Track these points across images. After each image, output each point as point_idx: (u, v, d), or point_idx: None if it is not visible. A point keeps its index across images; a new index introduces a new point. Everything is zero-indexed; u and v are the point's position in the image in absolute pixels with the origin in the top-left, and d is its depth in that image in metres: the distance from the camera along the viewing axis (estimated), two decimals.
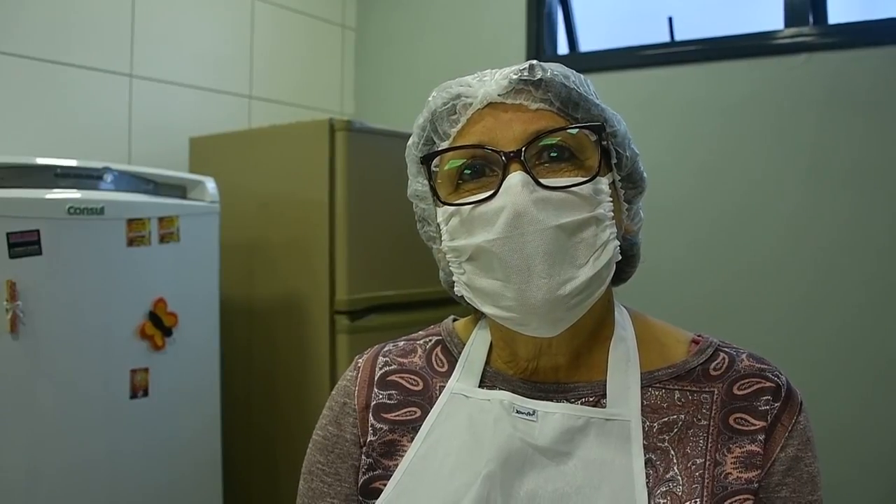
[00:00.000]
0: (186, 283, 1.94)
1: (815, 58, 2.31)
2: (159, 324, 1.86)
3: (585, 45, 2.91)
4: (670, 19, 2.61)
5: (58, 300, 1.66)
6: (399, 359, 0.94)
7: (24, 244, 1.59)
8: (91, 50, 2.33)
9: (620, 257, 0.81)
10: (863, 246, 2.24)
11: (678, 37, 2.61)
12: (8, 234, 1.57)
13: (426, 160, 0.84)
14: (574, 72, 0.84)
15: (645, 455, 0.78)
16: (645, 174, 0.88)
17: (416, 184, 0.88)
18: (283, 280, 2.27)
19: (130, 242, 1.80)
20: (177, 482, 1.91)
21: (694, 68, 2.52)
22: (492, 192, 0.77)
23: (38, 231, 1.62)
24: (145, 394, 1.82)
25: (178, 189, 2.02)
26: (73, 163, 1.80)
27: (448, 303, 0.92)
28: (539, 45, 2.84)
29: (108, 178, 1.85)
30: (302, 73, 3.08)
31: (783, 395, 0.81)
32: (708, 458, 0.78)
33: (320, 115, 2.90)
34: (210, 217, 2.02)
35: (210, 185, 2.05)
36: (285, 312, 2.26)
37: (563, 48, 2.92)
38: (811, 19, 2.36)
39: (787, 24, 2.39)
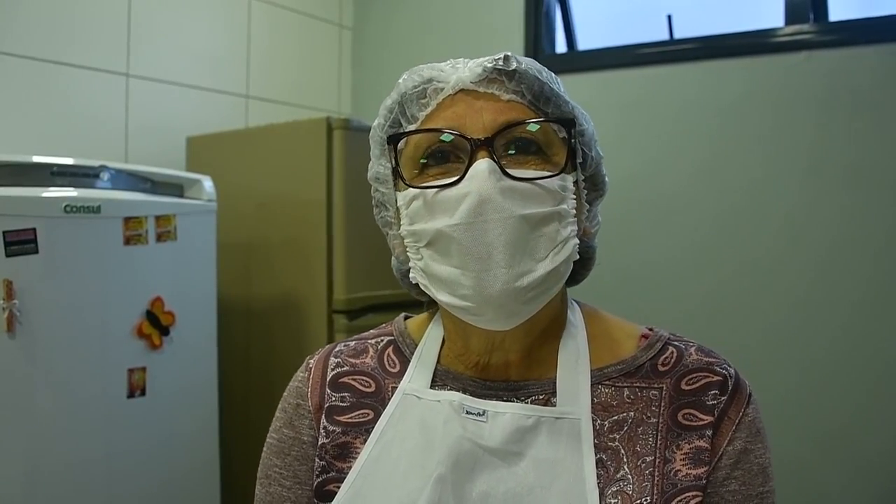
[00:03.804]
0: (184, 281, 1.93)
1: (816, 55, 2.30)
2: (156, 323, 1.85)
3: (584, 44, 2.90)
4: (669, 17, 2.61)
5: (54, 299, 1.66)
6: (350, 359, 0.93)
7: (21, 242, 1.59)
8: (88, 49, 2.32)
9: (578, 256, 0.81)
10: (862, 245, 2.24)
11: (677, 35, 2.61)
12: (4, 233, 1.56)
13: (393, 140, 0.83)
14: (546, 68, 0.83)
15: (596, 454, 0.77)
16: (607, 178, 0.87)
17: (379, 166, 0.87)
18: (281, 279, 2.26)
19: (127, 241, 1.79)
20: (175, 481, 1.90)
21: (693, 66, 2.52)
22: (457, 177, 0.76)
23: (34, 229, 1.61)
24: (143, 393, 1.81)
25: (175, 188, 2.01)
26: (69, 161, 1.80)
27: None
28: (537, 43, 2.84)
29: (105, 176, 1.84)
30: (299, 72, 3.08)
31: (730, 388, 0.81)
32: (657, 455, 0.77)
33: (317, 114, 2.89)
34: (207, 216, 2.02)
35: (207, 183, 2.04)
36: (283, 311, 2.25)
37: (561, 47, 2.91)
38: (811, 17, 2.36)
39: (788, 21, 2.38)
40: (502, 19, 2.90)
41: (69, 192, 1.71)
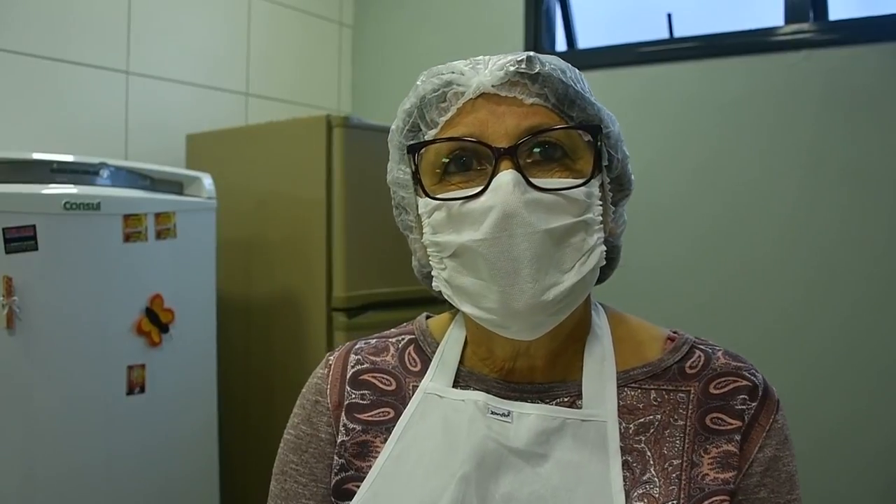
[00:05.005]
0: (183, 279, 1.93)
1: (815, 54, 2.30)
2: (156, 320, 1.85)
3: (584, 42, 2.90)
4: (669, 16, 2.61)
5: (54, 296, 1.66)
6: (371, 357, 0.92)
7: (21, 239, 1.58)
8: (88, 47, 2.32)
9: (605, 262, 0.80)
10: (861, 244, 2.24)
11: (677, 33, 2.61)
12: (4, 230, 1.56)
13: (413, 149, 0.81)
14: (570, 66, 0.81)
15: (622, 457, 0.76)
16: (633, 177, 0.86)
17: (398, 171, 0.85)
18: (280, 277, 2.26)
19: (127, 238, 1.79)
20: (174, 478, 1.90)
21: (693, 65, 2.51)
22: (480, 188, 0.75)
23: (34, 226, 1.61)
24: (142, 390, 1.81)
25: (174, 185, 2.02)
26: (69, 158, 1.80)
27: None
28: (537, 41, 2.84)
29: (105, 173, 1.84)
30: (299, 70, 3.07)
31: (760, 394, 0.80)
32: (685, 458, 0.77)
33: (317, 112, 2.89)
34: (207, 213, 2.01)
35: (207, 181, 2.04)
36: (282, 309, 2.25)
37: (561, 45, 2.91)
38: (811, 16, 2.36)
39: (787, 20, 2.38)
40: (502, 17, 2.90)
41: (69, 189, 1.71)
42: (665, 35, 2.62)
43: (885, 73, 2.21)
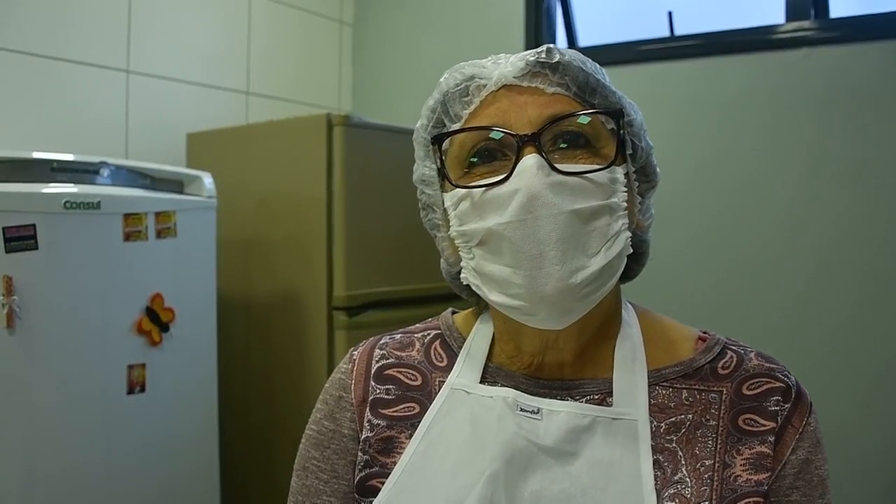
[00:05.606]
0: (184, 278, 1.93)
1: (816, 52, 2.30)
2: (156, 319, 1.85)
3: (584, 41, 2.90)
4: (670, 14, 2.60)
5: (54, 295, 1.65)
6: (396, 352, 0.91)
7: (21, 238, 1.58)
8: (88, 46, 2.32)
9: (632, 250, 0.79)
10: (861, 241, 2.24)
11: (678, 31, 2.60)
12: (4, 229, 1.56)
13: (437, 141, 0.81)
14: (590, 59, 0.82)
15: (652, 456, 0.76)
16: (658, 169, 0.86)
17: (424, 168, 0.85)
18: (281, 276, 2.26)
19: (127, 237, 1.79)
20: (174, 477, 1.90)
21: (693, 63, 2.51)
22: (505, 175, 0.75)
23: (34, 225, 1.60)
24: (142, 389, 1.81)
25: (175, 184, 2.01)
26: (69, 157, 1.79)
27: (447, 299, 0.91)
28: (538, 40, 2.83)
29: (105, 172, 1.84)
30: (299, 69, 3.07)
31: (793, 396, 0.80)
32: (717, 459, 0.76)
33: (318, 111, 2.89)
34: (207, 212, 2.01)
35: (207, 180, 2.04)
36: (283, 308, 2.25)
37: (561, 43, 2.91)
38: (812, 13, 2.35)
39: (788, 18, 2.38)
40: (503, 15, 2.90)
41: (69, 189, 1.71)
42: (666, 33, 2.62)
43: (886, 70, 2.21)
